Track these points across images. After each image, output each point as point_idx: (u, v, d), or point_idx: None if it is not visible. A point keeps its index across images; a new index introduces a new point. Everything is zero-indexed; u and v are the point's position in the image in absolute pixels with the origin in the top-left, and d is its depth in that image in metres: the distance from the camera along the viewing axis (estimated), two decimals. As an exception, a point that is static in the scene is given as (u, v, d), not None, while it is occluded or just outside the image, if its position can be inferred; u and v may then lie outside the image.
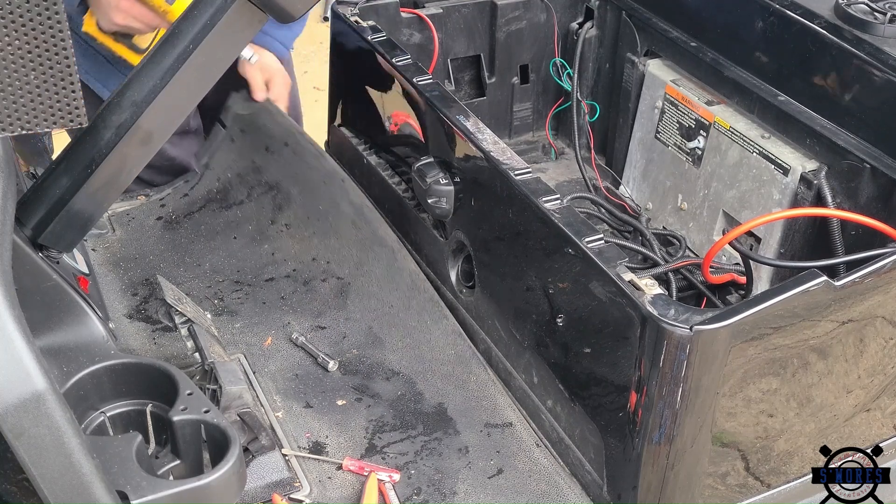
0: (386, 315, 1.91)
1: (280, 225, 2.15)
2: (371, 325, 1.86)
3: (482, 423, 1.66)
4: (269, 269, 2.07)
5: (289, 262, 2.07)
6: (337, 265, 2.02)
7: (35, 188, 1.37)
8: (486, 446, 1.63)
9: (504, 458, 1.59)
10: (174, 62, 1.26)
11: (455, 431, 1.67)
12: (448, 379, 1.75)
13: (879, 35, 1.86)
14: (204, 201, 2.25)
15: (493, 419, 1.64)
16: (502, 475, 1.58)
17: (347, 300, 1.97)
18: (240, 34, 1.27)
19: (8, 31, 0.95)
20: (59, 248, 1.40)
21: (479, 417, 1.67)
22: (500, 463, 1.60)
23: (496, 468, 1.59)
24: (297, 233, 2.11)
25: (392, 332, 1.87)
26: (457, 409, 1.70)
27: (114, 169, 1.33)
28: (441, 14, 2.45)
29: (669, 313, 1.37)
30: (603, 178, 2.50)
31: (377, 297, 1.95)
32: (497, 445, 1.61)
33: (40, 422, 0.96)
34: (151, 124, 1.30)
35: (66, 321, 1.32)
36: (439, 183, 1.90)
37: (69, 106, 1.01)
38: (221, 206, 2.22)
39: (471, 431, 1.66)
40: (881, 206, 1.78)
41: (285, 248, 2.10)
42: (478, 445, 1.65)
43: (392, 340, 1.87)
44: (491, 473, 1.59)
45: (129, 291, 2.02)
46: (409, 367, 1.82)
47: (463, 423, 1.68)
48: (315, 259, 2.05)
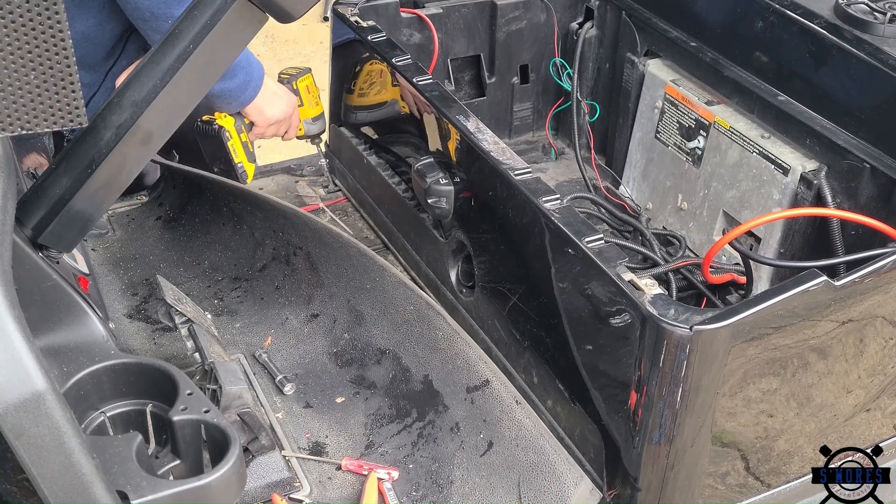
0: (352, 283, 1.92)
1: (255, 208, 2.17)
2: (349, 299, 1.87)
3: (464, 388, 1.68)
4: (258, 253, 2.09)
5: (267, 241, 2.09)
6: (298, 238, 2.05)
7: (35, 188, 1.37)
8: (474, 416, 1.64)
9: (491, 428, 1.61)
10: (174, 62, 1.26)
11: (444, 407, 1.69)
12: (421, 342, 1.77)
13: (879, 35, 1.86)
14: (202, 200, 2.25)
15: (472, 380, 1.66)
16: (492, 450, 1.59)
17: (320, 273, 1.98)
18: (240, 34, 1.27)
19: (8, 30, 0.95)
20: (59, 248, 1.40)
21: (460, 382, 1.68)
22: (488, 435, 1.61)
23: (486, 442, 1.61)
24: (269, 215, 2.12)
25: (362, 300, 1.88)
26: (439, 377, 1.72)
27: (114, 169, 1.33)
28: (441, 14, 2.45)
29: (669, 313, 1.37)
30: (603, 178, 2.50)
31: (335, 264, 1.96)
32: (482, 413, 1.63)
33: (40, 422, 0.96)
34: (151, 124, 1.29)
35: (66, 321, 1.32)
36: (439, 183, 1.90)
37: (69, 106, 1.01)
38: (219, 205, 2.23)
39: (457, 402, 1.68)
40: (881, 206, 1.78)
41: (262, 228, 2.12)
42: (466, 417, 1.66)
43: (367, 311, 1.88)
44: (482, 450, 1.61)
45: (129, 291, 2.02)
46: (389, 340, 1.83)
47: (448, 393, 1.70)
48: (281, 233, 2.08)
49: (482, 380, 1.64)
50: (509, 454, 1.57)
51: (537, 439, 1.55)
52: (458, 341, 1.70)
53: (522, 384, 1.80)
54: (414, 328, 1.77)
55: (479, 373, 1.65)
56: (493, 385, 1.63)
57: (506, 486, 1.55)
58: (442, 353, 1.71)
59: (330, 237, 1.90)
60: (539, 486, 1.51)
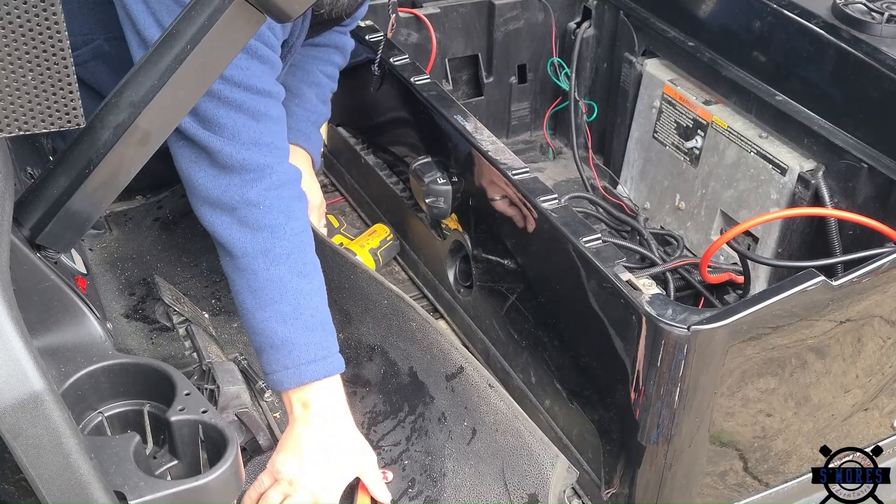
0: (334, 282, 1.89)
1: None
2: (335, 300, 1.87)
3: (443, 377, 1.68)
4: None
5: None
6: None
7: (33, 188, 1.37)
8: (456, 404, 1.65)
9: (472, 415, 1.61)
10: (172, 62, 1.25)
11: (430, 398, 1.69)
12: (400, 335, 1.76)
13: (877, 35, 1.86)
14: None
15: (448, 368, 1.66)
16: (477, 437, 1.60)
17: None
18: (237, 34, 1.27)
19: (5, 31, 0.95)
20: (57, 248, 1.40)
21: (439, 371, 1.68)
22: (471, 422, 1.62)
23: (470, 430, 1.61)
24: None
25: (346, 299, 1.87)
26: (422, 368, 1.72)
27: (112, 169, 1.32)
28: (439, 14, 2.45)
29: (667, 313, 1.37)
30: (601, 177, 2.51)
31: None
32: (462, 400, 1.63)
33: (38, 422, 0.96)
34: (149, 124, 1.29)
35: (64, 321, 1.31)
36: (437, 183, 1.90)
37: (66, 107, 1.01)
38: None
39: (440, 392, 1.68)
40: (879, 206, 1.78)
41: None
42: (450, 406, 1.66)
43: (352, 309, 1.87)
44: (468, 438, 1.61)
45: (127, 291, 2.02)
46: (375, 336, 1.82)
47: (431, 383, 1.70)
48: None
49: (457, 367, 1.64)
50: (491, 440, 1.58)
51: (513, 422, 1.55)
52: (430, 330, 1.70)
53: (520, 384, 1.81)
54: (392, 322, 1.77)
55: (453, 360, 1.65)
56: (467, 371, 1.63)
57: (492, 473, 1.56)
58: (419, 344, 1.72)
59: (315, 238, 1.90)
60: (521, 470, 1.52)
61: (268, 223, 1.50)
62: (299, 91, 1.96)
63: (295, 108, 1.95)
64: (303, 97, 1.97)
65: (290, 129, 1.91)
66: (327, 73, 2.02)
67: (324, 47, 2.01)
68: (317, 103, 2.00)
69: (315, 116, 2.00)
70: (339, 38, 2.02)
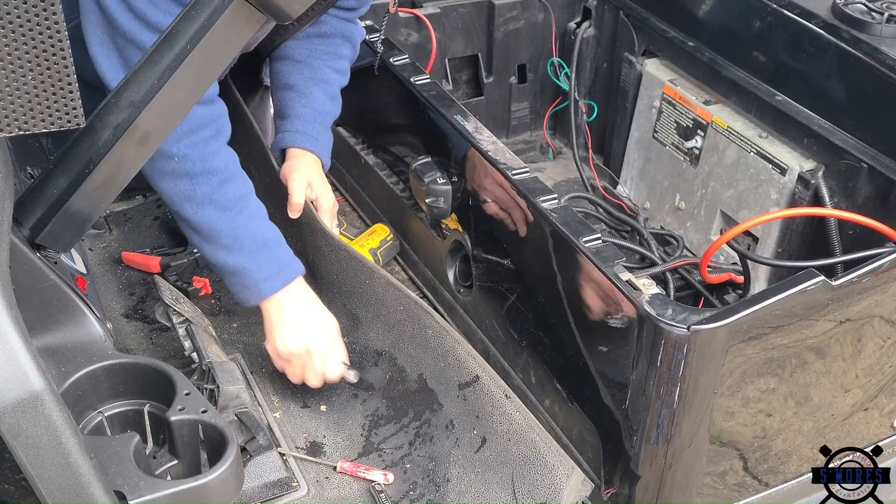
0: (345, 287, 1.90)
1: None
2: (344, 304, 1.87)
3: (456, 385, 1.68)
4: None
5: None
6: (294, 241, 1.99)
7: (33, 188, 1.37)
8: (467, 413, 1.65)
9: (483, 424, 1.62)
10: (172, 62, 1.25)
11: (438, 405, 1.69)
12: (413, 341, 1.77)
13: (877, 35, 1.86)
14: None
15: (462, 377, 1.66)
16: (486, 446, 1.60)
17: (316, 279, 1.94)
18: (237, 34, 1.27)
19: (6, 32, 0.95)
20: (57, 247, 1.40)
21: (452, 379, 1.69)
22: (481, 431, 1.62)
23: (480, 438, 1.61)
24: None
25: (356, 304, 1.87)
26: (433, 376, 1.73)
27: (111, 169, 1.32)
28: (439, 14, 2.45)
29: (667, 313, 1.37)
30: (601, 177, 2.51)
31: (327, 269, 1.93)
32: (474, 409, 1.63)
33: (38, 422, 0.96)
34: (149, 124, 1.29)
35: (64, 321, 1.32)
36: (437, 183, 1.90)
37: (66, 106, 1.02)
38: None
39: (450, 400, 1.69)
40: (878, 206, 1.78)
41: None
42: (459, 414, 1.66)
43: (362, 314, 1.87)
44: (476, 446, 1.61)
45: (127, 291, 2.02)
46: (384, 341, 1.82)
47: (442, 391, 1.70)
48: None
49: (472, 376, 1.64)
50: (502, 449, 1.57)
51: (528, 433, 1.55)
52: (448, 339, 1.70)
53: (520, 384, 1.81)
54: (406, 328, 1.77)
55: (469, 369, 1.65)
56: (483, 381, 1.63)
57: (500, 481, 1.55)
58: (433, 352, 1.72)
59: (324, 240, 1.89)
60: (532, 480, 1.51)
61: (185, 171, 1.59)
62: (306, 90, 1.93)
63: (301, 110, 1.92)
64: (309, 97, 1.93)
65: (296, 132, 1.91)
66: (336, 68, 1.97)
67: (331, 38, 1.95)
68: (325, 101, 1.95)
69: (323, 117, 1.96)
70: (348, 27, 1.96)
